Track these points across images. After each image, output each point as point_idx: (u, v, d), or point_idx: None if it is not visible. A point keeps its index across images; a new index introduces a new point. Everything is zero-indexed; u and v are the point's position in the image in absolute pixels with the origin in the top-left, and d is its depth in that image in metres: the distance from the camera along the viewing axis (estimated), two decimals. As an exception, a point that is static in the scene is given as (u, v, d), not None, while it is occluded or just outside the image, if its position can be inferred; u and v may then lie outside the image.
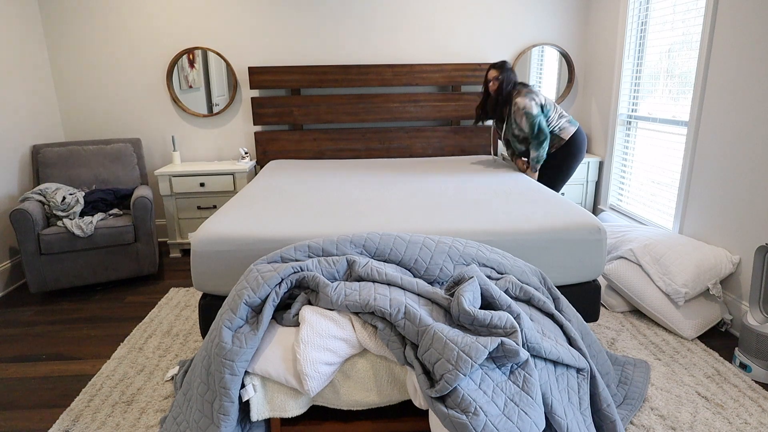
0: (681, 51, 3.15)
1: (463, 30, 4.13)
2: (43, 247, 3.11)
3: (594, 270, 2.37)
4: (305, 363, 1.66)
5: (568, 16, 4.16)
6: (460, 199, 2.75)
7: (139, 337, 2.71)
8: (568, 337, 1.87)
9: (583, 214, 2.41)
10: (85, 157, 3.57)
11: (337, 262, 1.93)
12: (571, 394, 1.69)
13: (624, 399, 2.09)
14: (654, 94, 3.46)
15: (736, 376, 2.28)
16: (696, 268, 2.62)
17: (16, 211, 3.06)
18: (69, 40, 3.92)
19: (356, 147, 4.19)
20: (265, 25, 4.01)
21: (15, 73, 3.58)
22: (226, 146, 4.23)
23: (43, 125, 3.85)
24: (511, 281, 1.94)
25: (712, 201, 2.82)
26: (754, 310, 2.37)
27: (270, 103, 4.04)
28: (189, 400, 1.85)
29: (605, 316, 2.86)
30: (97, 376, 2.36)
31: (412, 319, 1.66)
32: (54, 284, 3.20)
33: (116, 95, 4.05)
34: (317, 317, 1.75)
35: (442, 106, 4.15)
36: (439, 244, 2.05)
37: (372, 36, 4.09)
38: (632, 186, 3.73)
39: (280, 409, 1.76)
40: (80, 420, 2.06)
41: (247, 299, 1.77)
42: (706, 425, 1.97)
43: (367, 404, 1.79)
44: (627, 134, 3.80)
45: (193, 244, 2.24)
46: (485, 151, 4.28)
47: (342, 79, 4.02)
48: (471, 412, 1.44)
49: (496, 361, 1.60)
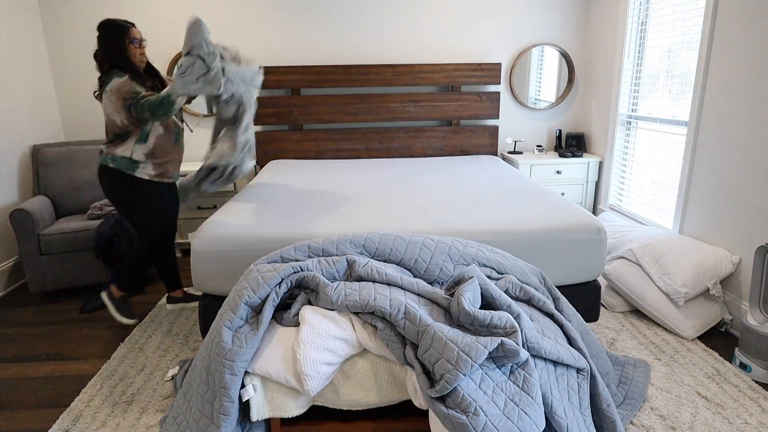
0: (681, 51, 3.15)
1: (463, 30, 4.13)
2: (43, 247, 3.11)
3: (594, 270, 2.37)
4: (305, 363, 1.66)
5: (568, 16, 4.16)
6: (460, 199, 2.75)
7: (139, 337, 2.71)
8: (568, 337, 1.87)
9: (583, 214, 2.41)
10: (85, 157, 3.57)
11: (337, 262, 1.93)
12: (571, 394, 1.69)
13: (624, 399, 2.09)
14: (654, 94, 3.46)
15: (736, 376, 2.28)
16: (696, 268, 2.62)
17: (17, 211, 3.06)
18: (69, 41, 3.92)
19: (356, 147, 4.19)
20: (265, 25, 4.01)
21: (15, 73, 3.58)
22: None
23: (43, 125, 3.85)
24: (511, 281, 1.94)
25: (712, 201, 2.82)
26: (754, 310, 2.37)
27: (270, 103, 4.04)
28: (189, 400, 1.85)
29: (605, 316, 2.86)
30: (97, 376, 2.36)
31: (412, 319, 1.66)
32: (54, 284, 3.19)
33: (116, 95, 4.05)
34: (317, 317, 1.75)
35: (442, 106, 4.15)
36: (439, 244, 2.05)
37: (372, 36, 4.09)
38: (632, 186, 3.73)
39: (280, 409, 1.76)
40: (80, 420, 2.06)
41: (247, 299, 1.77)
42: (706, 425, 1.97)
43: (367, 404, 1.79)
44: (627, 134, 3.80)
45: (193, 244, 2.24)
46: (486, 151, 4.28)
47: (342, 79, 4.02)
48: (471, 412, 1.44)
49: (496, 361, 1.60)
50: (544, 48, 4.22)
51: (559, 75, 4.28)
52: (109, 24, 2.43)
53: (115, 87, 2.36)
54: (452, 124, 4.25)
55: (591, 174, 4.07)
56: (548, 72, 4.29)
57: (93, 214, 3.36)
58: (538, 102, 4.34)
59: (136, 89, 2.38)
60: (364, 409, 1.82)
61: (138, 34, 2.48)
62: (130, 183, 2.49)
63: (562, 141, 4.37)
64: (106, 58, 2.42)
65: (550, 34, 4.19)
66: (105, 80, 2.41)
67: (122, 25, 2.43)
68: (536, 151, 4.22)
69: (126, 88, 2.36)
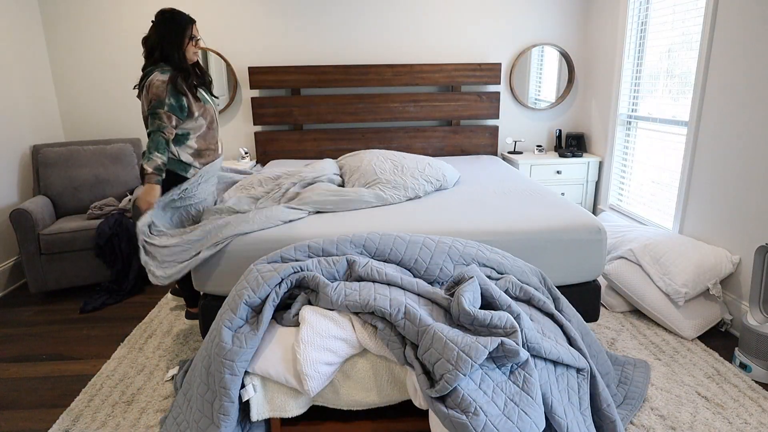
0: (681, 51, 3.15)
1: (463, 30, 4.13)
2: (43, 247, 3.11)
3: (594, 270, 2.37)
4: (305, 363, 1.66)
5: (568, 16, 4.16)
6: (460, 199, 2.74)
7: (139, 337, 2.71)
8: (568, 337, 1.87)
9: (583, 214, 2.41)
10: (85, 157, 3.57)
11: (337, 262, 1.93)
12: (571, 394, 1.69)
13: (624, 399, 2.09)
14: (654, 94, 3.46)
15: (736, 376, 2.28)
16: (696, 268, 2.62)
17: (17, 211, 3.06)
18: (69, 40, 3.92)
19: (356, 147, 4.19)
20: (265, 25, 4.01)
21: (15, 73, 3.58)
22: (226, 146, 4.23)
23: (43, 125, 3.85)
24: (511, 281, 1.94)
25: (712, 201, 2.82)
26: (754, 310, 2.37)
27: (270, 103, 4.04)
28: (189, 400, 1.85)
29: (605, 316, 2.86)
30: (97, 376, 2.36)
31: (412, 319, 1.66)
32: (54, 284, 3.19)
33: (116, 95, 4.05)
34: (317, 317, 1.75)
35: (442, 106, 4.15)
36: (439, 244, 2.05)
37: (372, 36, 4.09)
38: (632, 186, 3.73)
39: (280, 409, 1.76)
40: (80, 420, 2.06)
41: (247, 299, 1.77)
42: (706, 425, 1.97)
43: (367, 404, 1.79)
44: (627, 134, 3.80)
45: (193, 244, 2.23)
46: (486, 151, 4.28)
47: (342, 79, 4.02)
48: (471, 412, 1.44)
49: (496, 361, 1.60)
50: (544, 48, 4.22)
51: (559, 75, 4.28)
52: (173, 14, 2.33)
53: (153, 82, 2.26)
54: (452, 124, 4.25)
55: (591, 174, 4.06)
56: (548, 72, 4.29)
57: (93, 214, 3.36)
58: (538, 102, 4.34)
59: (165, 99, 2.25)
60: (364, 409, 1.82)
61: (197, 32, 2.41)
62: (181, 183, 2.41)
63: (562, 141, 4.37)
64: (160, 47, 2.32)
65: (550, 34, 4.19)
66: (148, 72, 2.33)
67: (187, 19, 2.35)
68: (536, 151, 4.22)
69: (158, 89, 2.25)
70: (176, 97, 2.30)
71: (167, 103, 2.26)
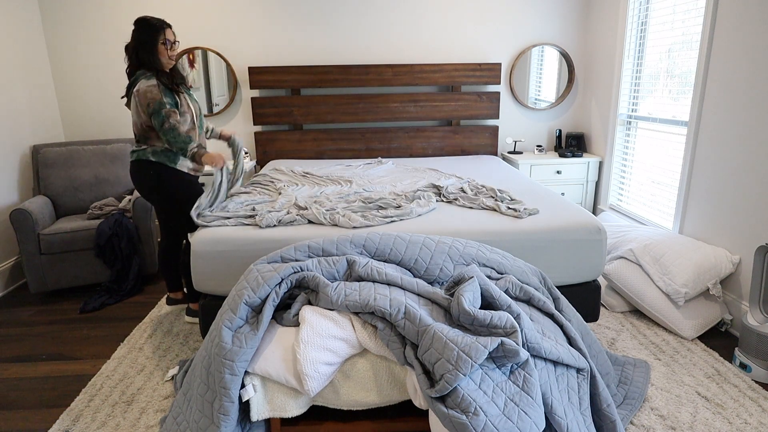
0: (681, 51, 3.15)
1: (463, 30, 4.13)
2: (43, 247, 3.11)
3: (594, 270, 2.37)
4: (305, 363, 1.66)
5: (568, 16, 4.16)
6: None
7: (139, 337, 2.71)
8: (568, 337, 1.87)
9: (583, 214, 2.41)
10: (85, 157, 3.57)
11: (337, 262, 1.93)
12: (571, 394, 1.69)
13: (624, 399, 2.09)
14: (654, 94, 3.46)
15: (736, 376, 2.28)
16: (696, 268, 2.62)
17: (17, 211, 3.06)
18: (69, 40, 3.92)
19: (356, 147, 4.19)
20: (265, 25, 4.01)
21: (15, 73, 3.58)
22: (226, 146, 4.23)
23: (43, 125, 3.85)
24: (511, 281, 1.94)
25: (712, 201, 2.82)
26: (754, 310, 2.37)
27: (270, 103, 4.04)
28: (189, 400, 1.85)
29: (605, 316, 2.86)
30: (97, 376, 2.36)
31: (412, 319, 1.66)
32: (54, 284, 3.19)
33: (116, 95, 4.05)
34: (317, 317, 1.75)
35: (442, 106, 4.15)
36: (439, 244, 2.05)
37: (372, 36, 4.09)
38: (632, 186, 3.73)
39: (280, 409, 1.76)
40: (80, 420, 2.06)
41: (247, 299, 1.77)
42: (706, 425, 1.97)
43: (367, 404, 1.79)
44: (627, 134, 3.80)
45: (193, 244, 2.24)
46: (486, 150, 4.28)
47: (342, 79, 4.02)
48: (471, 412, 1.44)
49: (496, 361, 1.60)
50: (544, 48, 4.22)
51: (559, 75, 4.28)
52: (145, 22, 2.45)
53: (141, 90, 2.41)
54: (452, 124, 4.25)
55: (591, 174, 4.07)
56: (548, 72, 4.29)
57: (93, 214, 3.36)
58: (538, 102, 4.34)
59: (162, 99, 2.41)
60: (364, 409, 1.82)
61: (172, 36, 2.50)
62: (173, 175, 2.55)
63: (562, 141, 4.37)
64: (136, 53, 2.46)
65: (550, 34, 4.19)
66: (133, 81, 2.48)
67: (157, 25, 2.45)
68: (536, 151, 4.22)
69: (152, 93, 2.40)
70: (170, 96, 2.46)
71: (165, 101, 2.42)
